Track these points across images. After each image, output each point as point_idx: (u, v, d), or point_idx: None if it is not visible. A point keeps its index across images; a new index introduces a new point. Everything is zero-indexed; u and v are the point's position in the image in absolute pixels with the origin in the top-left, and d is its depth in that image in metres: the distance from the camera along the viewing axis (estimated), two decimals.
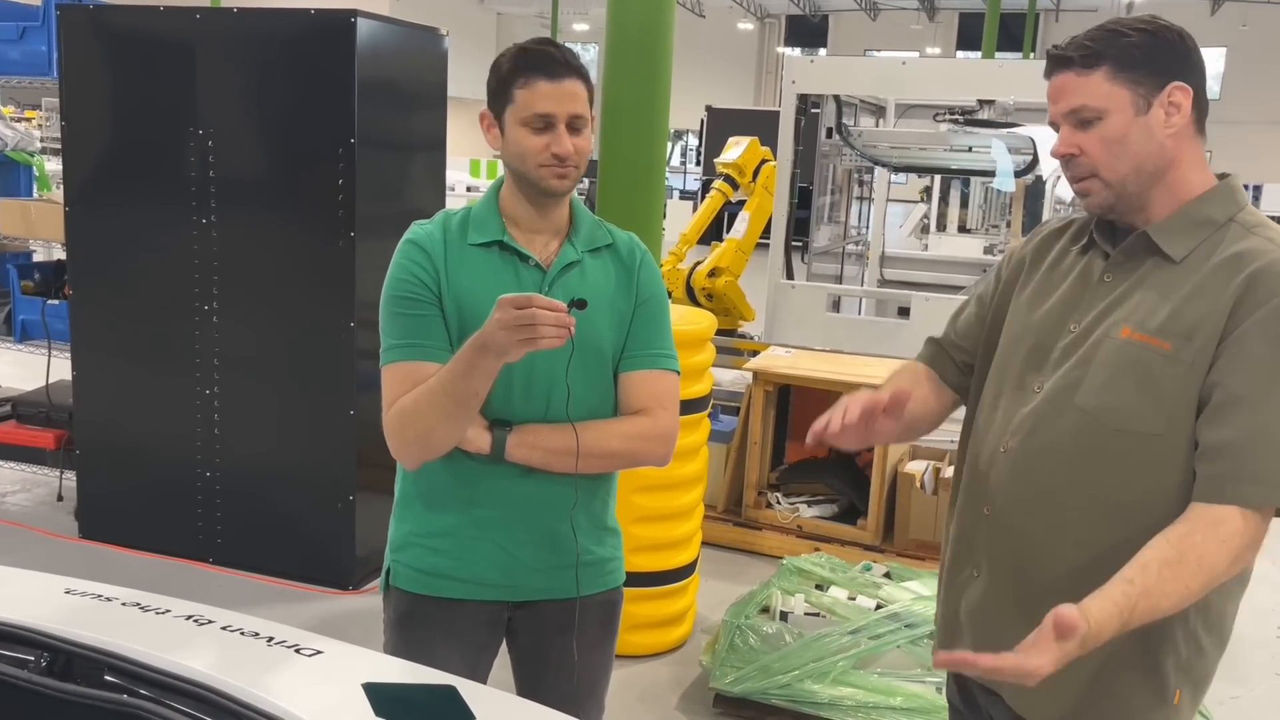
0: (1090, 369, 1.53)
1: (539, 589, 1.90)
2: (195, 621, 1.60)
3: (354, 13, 3.80)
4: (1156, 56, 1.49)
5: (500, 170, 1.99)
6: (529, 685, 2.01)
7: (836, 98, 6.28)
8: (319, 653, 1.53)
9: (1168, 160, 1.52)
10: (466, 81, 8.04)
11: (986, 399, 1.69)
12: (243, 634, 1.57)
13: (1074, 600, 1.50)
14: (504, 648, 2.01)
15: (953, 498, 1.78)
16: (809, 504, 4.83)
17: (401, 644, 1.90)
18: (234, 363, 4.18)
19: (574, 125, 1.78)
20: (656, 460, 1.88)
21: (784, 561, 3.82)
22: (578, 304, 1.67)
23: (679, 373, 1.92)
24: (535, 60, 1.76)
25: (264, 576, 4.19)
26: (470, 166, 20.88)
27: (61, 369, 4.68)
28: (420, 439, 1.77)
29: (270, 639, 1.56)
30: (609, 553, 1.96)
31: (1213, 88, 31.67)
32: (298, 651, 1.53)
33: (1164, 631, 1.52)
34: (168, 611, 1.63)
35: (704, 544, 4.08)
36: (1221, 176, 1.57)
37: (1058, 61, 1.53)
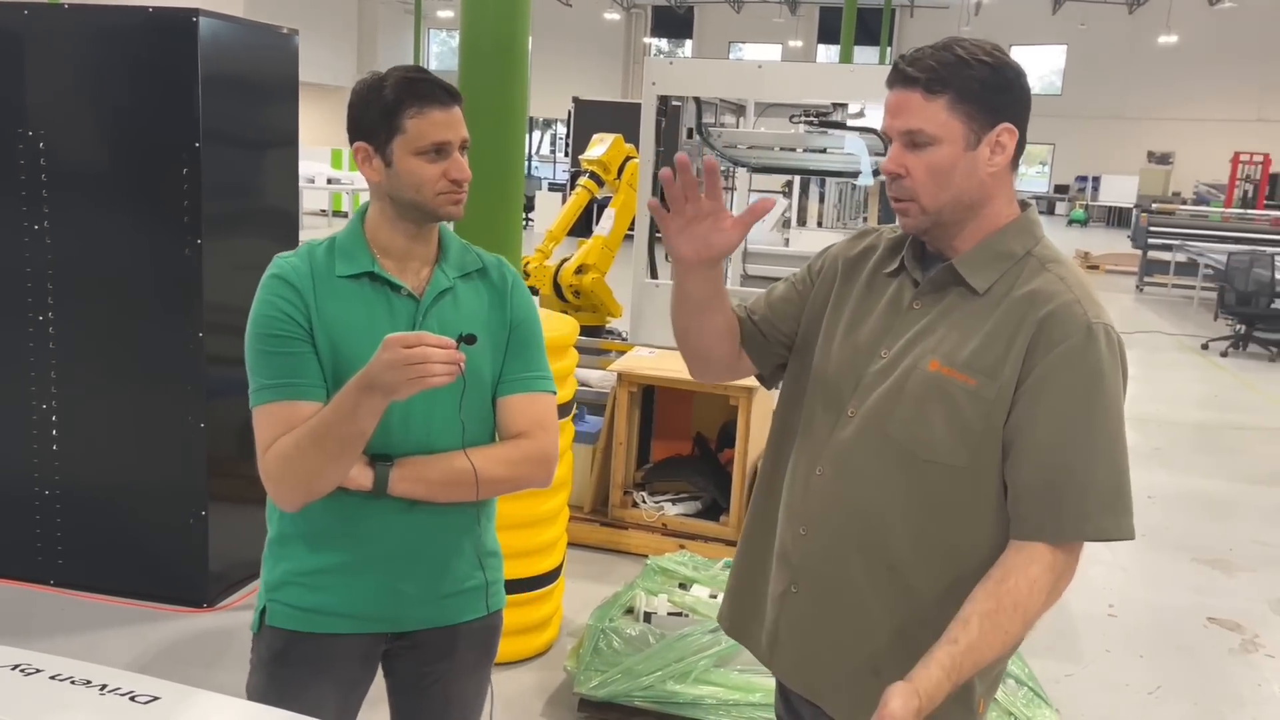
0: (901, 399, 1.58)
1: (421, 619, 1.88)
2: (21, 671, 1.54)
3: (196, 11, 3.66)
4: (994, 95, 1.53)
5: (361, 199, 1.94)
6: (405, 716, 2.00)
7: (697, 99, 6.36)
8: (155, 699, 1.49)
9: (984, 196, 1.58)
10: (329, 68, 7.86)
11: (801, 420, 1.72)
12: (73, 683, 1.51)
13: (897, 636, 1.59)
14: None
15: (756, 511, 1.81)
16: (674, 502, 4.90)
17: (273, 684, 1.84)
18: (73, 374, 3.98)
19: (462, 149, 1.80)
20: (540, 482, 1.88)
21: (648, 561, 3.88)
22: (467, 339, 1.65)
23: (555, 393, 1.92)
24: (425, 90, 1.76)
25: (112, 598, 4.01)
26: (332, 157, 20.29)
27: None
28: (304, 483, 1.72)
29: (103, 686, 1.51)
30: (491, 576, 1.95)
31: (1055, 83, 33.46)
32: (132, 699, 1.48)
33: None
34: None
35: (571, 545, 4.10)
36: (1023, 206, 1.64)
37: (904, 79, 1.54)
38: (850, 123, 6.77)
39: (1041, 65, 33.39)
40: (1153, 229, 15.76)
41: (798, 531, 1.69)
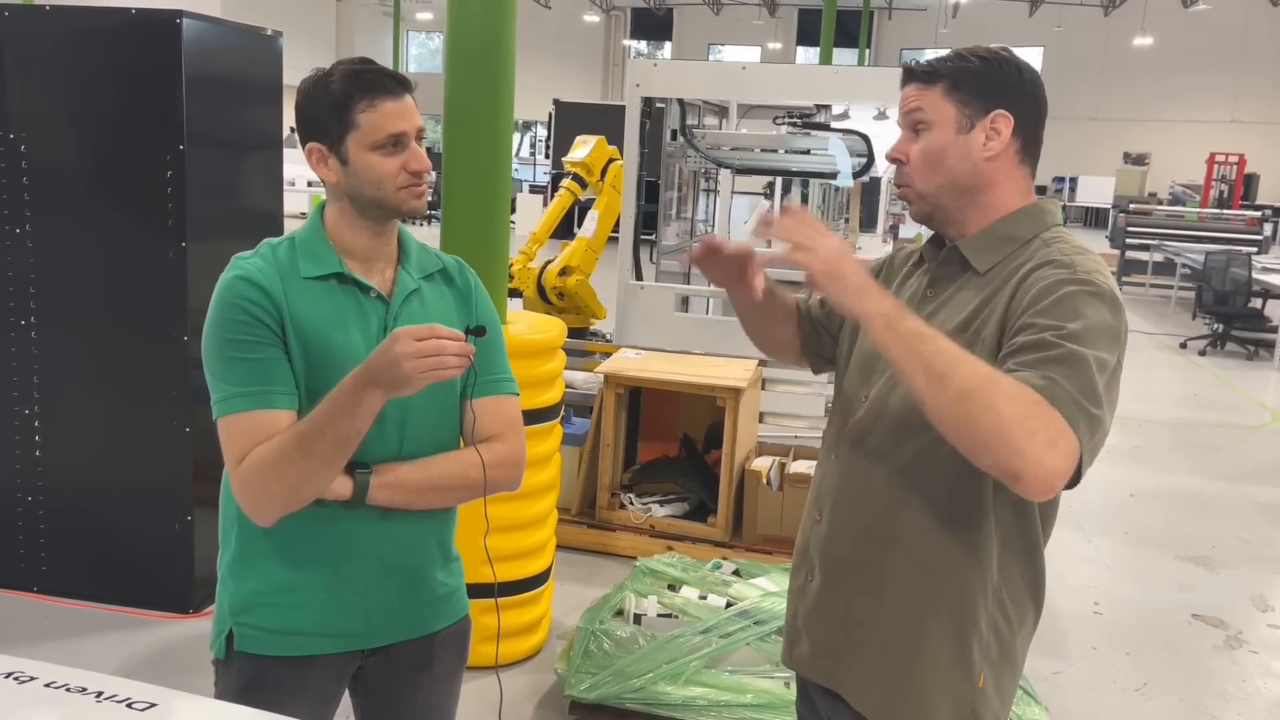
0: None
1: (398, 631, 1.85)
2: (15, 679, 1.52)
3: (179, 13, 3.64)
4: (988, 83, 1.60)
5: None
6: None
7: (680, 101, 6.37)
8: (152, 705, 1.47)
9: (982, 181, 1.62)
10: (306, 71, 7.78)
11: (833, 424, 1.79)
12: (69, 690, 1.50)
13: (902, 610, 1.63)
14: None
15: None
16: (661, 503, 4.91)
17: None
18: (57, 379, 3.95)
19: (419, 138, 1.75)
20: (512, 485, 1.86)
21: (637, 563, 3.87)
22: (476, 331, 1.67)
23: (519, 394, 1.91)
24: (374, 81, 1.70)
25: (96, 604, 3.98)
26: None
27: None
28: (289, 491, 1.64)
29: (99, 694, 1.49)
30: (457, 582, 1.94)
31: None
32: (129, 706, 1.46)
33: (971, 619, 1.61)
34: None
35: (559, 547, 4.09)
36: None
37: (908, 74, 1.66)
38: (834, 124, 6.79)
39: None
40: (1130, 229, 15.86)
41: (814, 518, 1.75)
